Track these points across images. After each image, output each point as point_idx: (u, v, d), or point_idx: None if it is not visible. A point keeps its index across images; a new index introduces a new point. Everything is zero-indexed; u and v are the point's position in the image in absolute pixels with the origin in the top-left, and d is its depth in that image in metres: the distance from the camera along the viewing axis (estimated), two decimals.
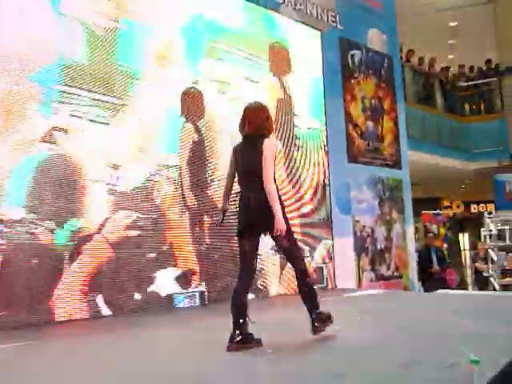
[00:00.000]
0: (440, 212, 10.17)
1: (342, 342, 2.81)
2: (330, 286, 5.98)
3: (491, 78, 11.55)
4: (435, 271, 7.61)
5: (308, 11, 6.45)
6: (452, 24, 12.48)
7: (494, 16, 11.25)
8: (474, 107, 11.83)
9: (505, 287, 7.69)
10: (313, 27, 6.46)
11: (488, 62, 11.85)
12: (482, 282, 8.47)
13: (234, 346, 2.57)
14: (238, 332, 2.58)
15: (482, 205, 13.69)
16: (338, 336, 2.90)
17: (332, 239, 6.18)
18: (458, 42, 12.95)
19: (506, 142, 10.82)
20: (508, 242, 8.57)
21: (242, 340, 2.58)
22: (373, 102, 7.24)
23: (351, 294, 5.42)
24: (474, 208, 14.30)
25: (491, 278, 8.24)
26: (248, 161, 2.71)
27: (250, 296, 3.28)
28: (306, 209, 5.93)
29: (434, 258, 7.66)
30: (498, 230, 8.65)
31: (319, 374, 2.15)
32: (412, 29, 10.42)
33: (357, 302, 4.96)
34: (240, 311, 2.63)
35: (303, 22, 6.34)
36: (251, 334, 2.63)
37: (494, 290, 7.95)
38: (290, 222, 2.92)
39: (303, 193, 5.94)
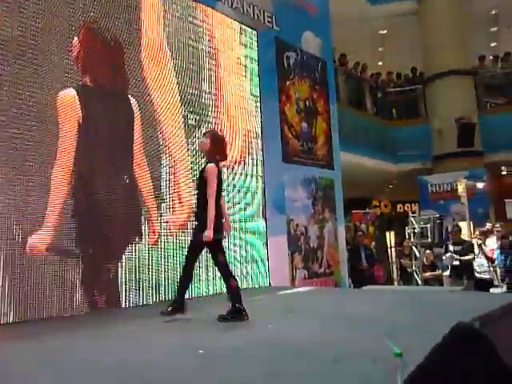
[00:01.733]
0: (369, 211, 10.61)
1: (275, 338, 2.83)
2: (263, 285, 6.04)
3: (416, 85, 12.26)
4: (364, 268, 7.92)
5: (245, 10, 6.46)
6: (382, 32, 13.10)
7: (420, 26, 11.93)
8: (400, 112, 12.50)
9: (426, 282, 8.18)
10: (249, 26, 6.48)
11: (413, 69, 12.56)
12: (407, 278, 8.95)
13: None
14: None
15: (408, 204, 14.49)
16: (271, 333, 2.92)
17: (266, 238, 6.24)
18: (387, 49, 13.62)
19: (429, 145, 11.53)
20: (429, 239, 9.14)
21: None
22: (307, 103, 7.40)
23: (285, 292, 5.51)
24: (400, 207, 15.10)
25: (414, 274, 8.74)
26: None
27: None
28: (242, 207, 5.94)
29: (363, 255, 7.98)
30: (421, 228, 9.19)
31: (255, 374, 2.15)
32: (344, 34, 10.79)
33: (290, 299, 5.04)
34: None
35: (239, 21, 6.34)
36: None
37: (417, 284, 8.43)
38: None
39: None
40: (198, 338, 2.96)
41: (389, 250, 10.48)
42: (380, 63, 13.88)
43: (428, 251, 8.51)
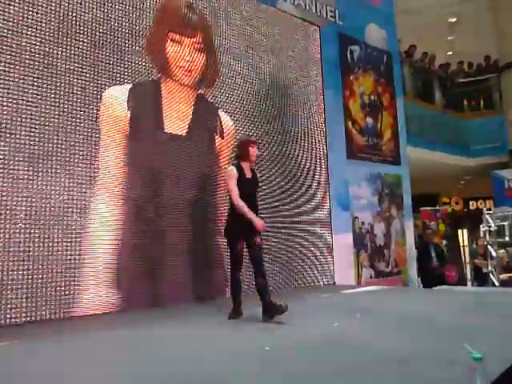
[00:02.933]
0: (439, 208, 10.13)
1: (342, 338, 2.79)
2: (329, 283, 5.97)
3: (490, 74, 11.53)
4: (434, 267, 7.59)
5: (307, 6, 6.41)
6: (451, 20, 12.45)
7: (493, 11, 11.20)
8: (472, 103, 11.81)
9: (504, 283, 7.67)
10: (311, 22, 6.42)
11: (487, 58, 11.82)
12: (482, 278, 8.45)
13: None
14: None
15: (481, 201, 13.69)
16: (337, 333, 2.87)
17: (332, 236, 6.16)
18: (458, 38, 12.92)
19: (504, 138, 10.80)
20: (507, 238, 8.56)
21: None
22: (372, 97, 7.21)
23: (350, 291, 5.40)
24: (472, 204, 14.29)
25: (490, 274, 8.23)
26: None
27: None
28: (307, 206, 5.91)
29: (433, 254, 7.65)
30: (497, 226, 8.63)
31: (321, 373, 2.13)
32: (411, 24, 10.38)
33: (356, 298, 4.94)
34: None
35: (302, 18, 6.29)
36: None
37: (494, 285, 7.94)
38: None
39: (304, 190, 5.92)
40: (262, 337, 2.98)
41: (461, 249, 9.94)
42: (450, 53, 13.20)
43: (502, 251, 7.98)
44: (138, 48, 4.55)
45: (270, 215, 5.42)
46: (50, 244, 3.81)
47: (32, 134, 3.81)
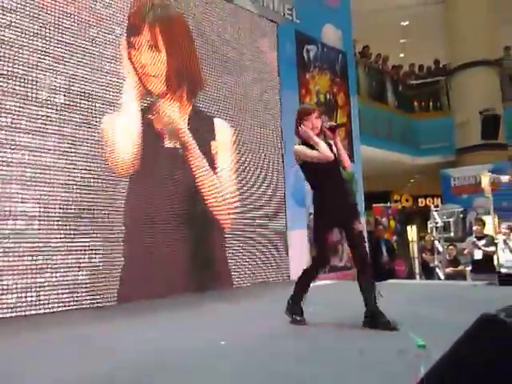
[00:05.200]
0: (390, 205, 10.50)
1: (296, 331, 2.85)
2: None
3: (439, 77, 12.03)
4: (385, 262, 7.87)
5: (264, 3, 6.45)
6: (404, 23, 12.87)
7: (444, 16, 11.69)
8: (422, 105, 12.29)
9: (449, 276, 8.06)
10: (269, 19, 6.47)
11: (436, 61, 12.33)
12: (429, 272, 8.84)
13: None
14: None
15: (430, 198, 14.29)
16: (291, 327, 2.94)
17: (287, 232, 6.25)
18: (410, 41, 13.38)
19: (452, 138, 11.32)
20: (452, 234, 9.00)
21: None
22: (327, 96, 7.36)
23: None
24: (421, 202, 14.90)
25: (436, 268, 8.62)
26: None
27: None
28: (262, 202, 5.97)
29: (384, 249, 7.92)
30: (444, 223, 9.05)
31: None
32: (365, 26, 10.65)
33: (311, 292, 5.04)
34: None
35: (259, 14, 6.33)
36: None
37: (439, 279, 8.32)
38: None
39: (258, 185, 5.97)
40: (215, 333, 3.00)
41: (410, 244, 10.35)
42: (402, 55, 13.66)
43: (451, 247, 8.38)
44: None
45: (224, 212, 5.43)
46: None
47: None
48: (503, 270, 7.12)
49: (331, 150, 2.97)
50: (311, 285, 3.11)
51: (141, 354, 2.40)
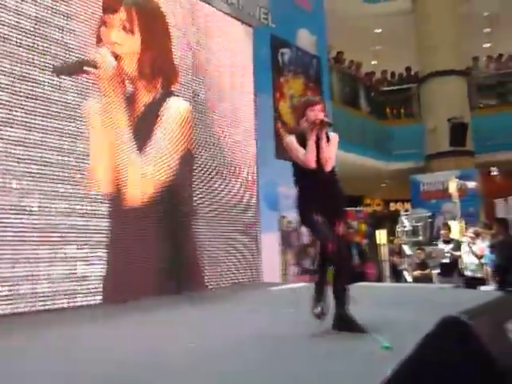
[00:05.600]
0: (361, 209, 10.67)
1: (268, 332, 2.86)
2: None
3: (411, 84, 12.31)
4: (355, 265, 7.97)
5: (240, 5, 6.46)
6: (377, 31, 13.12)
7: (415, 26, 11.97)
8: (394, 111, 12.54)
9: (416, 279, 8.23)
10: (244, 22, 6.48)
11: (408, 69, 12.60)
12: (398, 275, 9.01)
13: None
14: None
15: (400, 203, 14.58)
16: (263, 330, 2.94)
17: (259, 234, 6.26)
18: (382, 48, 13.64)
19: (422, 145, 11.59)
20: (421, 238, 9.20)
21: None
22: (301, 100, 7.41)
23: (277, 288, 5.54)
24: (392, 206, 15.19)
25: (404, 271, 8.79)
26: None
27: None
28: (235, 205, 5.96)
29: (355, 252, 8.02)
30: (413, 227, 9.25)
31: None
32: (340, 32, 10.80)
33: (282, 295, 5.07)
34: None
35: (235, 17, 6.34)
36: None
37: (407, 282, 8.49)
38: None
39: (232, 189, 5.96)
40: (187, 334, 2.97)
41: (380, 247, 10.53)
42: (375, 62, 13.91)
43: (419, 250, 8.57)
44: None
45: (197, 213, 5.40)
46: None
47: None
48: (468, 274, 7.33)
49: (320, 144, 2.88)
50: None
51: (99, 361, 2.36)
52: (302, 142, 2.85)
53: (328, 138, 2.93)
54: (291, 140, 2.91)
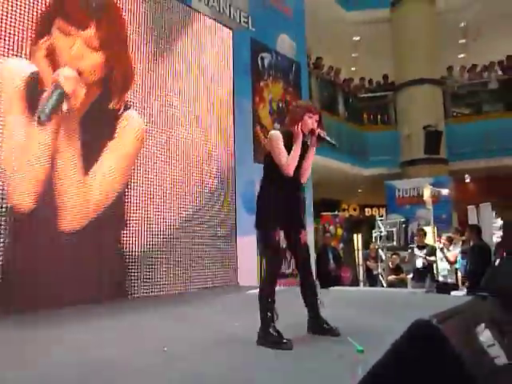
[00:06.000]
0: (337, 214, 10.79)
1: (241, 337, 2.85)
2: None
3: (387, 91, 12.53)
4: (331, 269, 8.04)
5: (221, 9, 6.46)
6: (356, 38, 13.31)
7: (392, 34, 12.21)
8: (371, 117, 12.73)
9: (391, 284, 8.36)
10: (224, 25, 6.49)
11: (385, 76, 12.83)
12: (373, 279, 9.13)
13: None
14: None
15: (376, 208, 14.81)
16: (238, 333, 2.94)
17: (236, 238, 6.25)
18: (361, 55, 13.85)
19: (398, 151, 11.80)
20: (395, 243, 9.36)
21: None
22: (280, 104, 7.46)
23: (253, 291, 5.52)
24: (368, 211, 15.42)
25: (379, 276, 8.92)
26: None
27: None
28: (212, 208, 5.94)
29: (331, 256, 8.09)
30: (387, 232, 9.40)
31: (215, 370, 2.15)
32: (320, 39, 10.92)
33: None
34: None
35: (215, 20, 6.34)
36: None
37: (382, 286, 8.61)
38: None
39: (209, 192, 5.94)
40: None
41: (356, 252, 10.66)
42: (353, 69, 14.10)
43: (395, 256, 8.71)
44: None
45: (173, 216, 5.37)
46: None
47: None
48: (440, 279, 7.49)
49: (305, 153, 2.83)
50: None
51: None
52: (288, 144, 2.74)
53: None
54: (277, 137, 2.75)
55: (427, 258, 7.44)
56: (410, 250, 7.81)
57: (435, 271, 7.60)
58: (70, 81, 4.15)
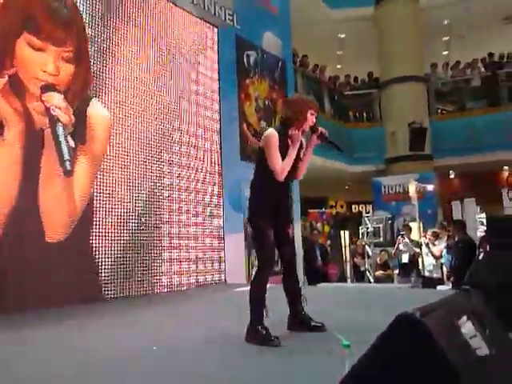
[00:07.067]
0: (325, 211, 10.84)
1: (228, 334, 2.85)
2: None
3: (372, 89, 12.62)
4: (318, 266, 8.09)
5: (206, 6, 6.44)
6: (341, 36, 13.37)
7: (376, 32, 12.28)
8: (357, 115, 12.81)
9: (378, 280, 8.44)
10: (209, 23, 6.47)
11: (370, 74, 12.92)
12: (360, 275, 9.21)
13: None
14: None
15: (363, 205, 14.92)
16: (226, 330, 2.94)
17: (224, 236, 6.25)
18: (346, 53, 13.91)
19: (383, 148, 11.90)
20: (381, 239, 9.44)
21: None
22: (266, 102, 7.47)
23: (241, 289, 5.53)
24: (355, 208, 15.52)
25: (367, 272, 9.00)
26: None
27: None
28: (199, 205, 5.93)
29: (318, 253, 8.14)
30: (374, 228, 9.48)
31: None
32: (305, 37, 10.93)
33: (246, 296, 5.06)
34: None
35: (200, 17, 6.31)
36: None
37: (369, 282, 8.69)
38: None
39: (196, 189, 5.93)
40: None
41: (343, 248, 10.73)
42: (339, 66, 14.16)
43: (383, 252, 8.78)
44: None
45: (159, 214, 5.35)
46: None
47: None
48: (426, 274, 7.58)
49: (300, 150, 2.81)
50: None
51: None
52: (283, 142, 2.71)
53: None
54: (275, 138, 2.69)
55: (414, 248, 7.51)
56: (399, 237, 7.88)
57: (421, 266, 7.70)
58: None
